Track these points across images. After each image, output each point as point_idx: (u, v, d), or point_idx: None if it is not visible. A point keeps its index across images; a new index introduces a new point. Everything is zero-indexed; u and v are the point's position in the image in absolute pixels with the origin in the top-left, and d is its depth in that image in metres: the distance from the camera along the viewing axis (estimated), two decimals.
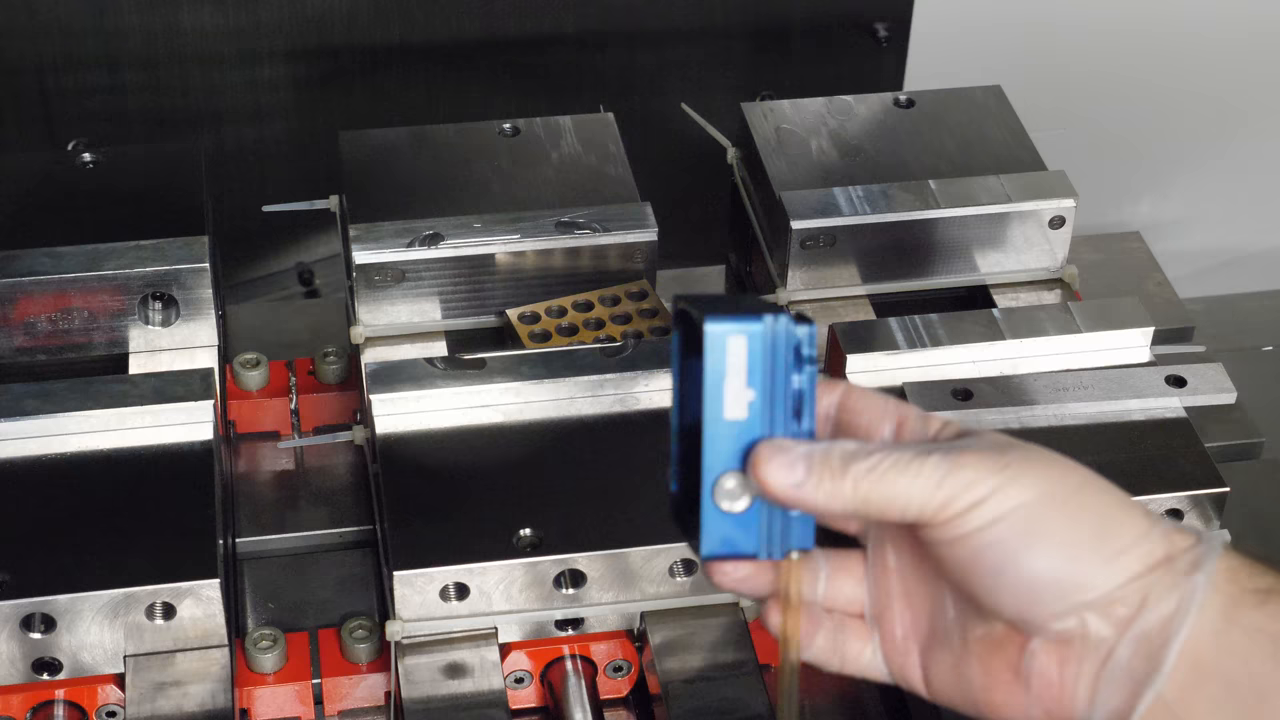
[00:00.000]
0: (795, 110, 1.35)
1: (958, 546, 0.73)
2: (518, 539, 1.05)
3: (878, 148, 1.32)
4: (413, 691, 1.05)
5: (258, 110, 1.76)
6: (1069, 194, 1.26)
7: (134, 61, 1.69)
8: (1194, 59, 2.01)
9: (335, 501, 1.25)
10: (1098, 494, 0.74)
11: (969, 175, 1.28)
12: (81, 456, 1.10)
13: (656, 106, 1.63)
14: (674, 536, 1.05)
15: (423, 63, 1.75)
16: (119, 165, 1.30)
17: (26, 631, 1.02)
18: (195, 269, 1.19)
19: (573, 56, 1.79)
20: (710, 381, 0.71)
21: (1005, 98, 1.38)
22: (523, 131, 1.33)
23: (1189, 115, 2.05)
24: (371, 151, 1.31)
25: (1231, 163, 2.08)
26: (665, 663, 1.06)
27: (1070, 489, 0.73)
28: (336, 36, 1.72)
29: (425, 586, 1.04)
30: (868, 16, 1.81)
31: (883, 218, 1.24)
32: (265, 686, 1.10)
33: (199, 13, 1.67)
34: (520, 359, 1.15)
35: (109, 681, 1.05)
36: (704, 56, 1.80)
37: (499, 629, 1.07)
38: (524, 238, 1.22)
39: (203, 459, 1.10)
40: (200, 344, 1.22)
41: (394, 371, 1.14)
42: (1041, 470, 0.73)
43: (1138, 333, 1.19)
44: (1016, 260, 1.28)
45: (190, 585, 1.03)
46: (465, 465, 1.10)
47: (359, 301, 1.22)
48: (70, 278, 1.19)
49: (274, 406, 1.29)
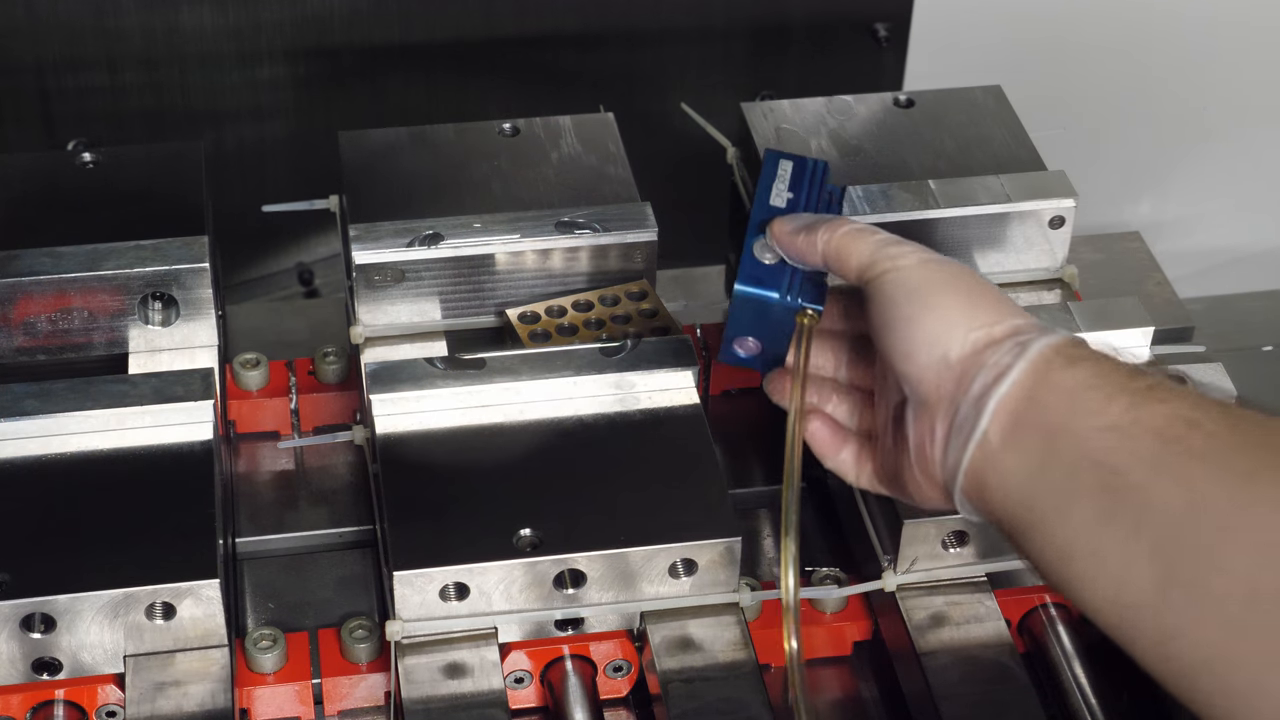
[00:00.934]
0: (795, 110, 1.35)
1: (873, 301, 0.95)
2: (518, 539, 1.05)
3: (878, 148, 1.32)
4: (413, 691, 1.05)
5: (258, 110, 1.76)
6: (1069, 194, 1.26)
7: (134, 61, 1.69)
8: (1194, 59, 2.01)
9: (335, 501, 1.25)
10: (978, 283, 0.94)
11: (969, 175, 1.28)
12: (81, 456, 1.10)
13: (656, 106, 1.63)
14: (674, 536, 1.05)
15: (423, 63, 1.76)
16: (119, 165, 1.30)
17: (26, 631, 1.02)
18: (195, 269, 1.19)
19: (573, 56, 1.79)
20: (764, 183, 1.04)
21: (1005, 98, 1.38)
22: (523, 131, 1.33)
23: (1189, 115, 2.05)
24: (371, 151, 1.31)
25: (1231, 163, 2.08)
26: (665, 663, 1.06)
27: (960, 275, 0.94)
28: (336, 36, 1.72)
29: (425, 586, 1.04)
30: (868, 16, 1.82)
31: (883, 218, 1.24)
32: (265, 686, 1.10)
33: (199, 13, 1.68)
34: (520, 359, 1.15)
35: (109, 681, 1.05)
36: (704, 56, 1.81)
37: (499, 629, 1.07)
38: (524, 238, 1.22)
39: (202, 459, 1.10)
40: (200, 344, 1.22)
41: (394, 371, 1.14)
42: (946, 264, 0.95)
43: (1138, 333, 1.19)
44: (1016, 260, 1.28)
45: (190, 585, 1.03)
46: (465, 465, 1.10)
47: (359, 301, 1.22)
48: (70, 278, 1.18)
49: (274, 406, 1.29)
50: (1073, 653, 1.12)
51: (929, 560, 1.11)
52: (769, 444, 1.29)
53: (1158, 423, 0.81)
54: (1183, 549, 0.78)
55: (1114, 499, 0.81)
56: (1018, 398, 0.87)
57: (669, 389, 1.15)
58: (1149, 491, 0.80)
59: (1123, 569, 0.80)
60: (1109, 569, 0.81)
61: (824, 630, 1.16)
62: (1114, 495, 0.81)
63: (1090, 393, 0.85)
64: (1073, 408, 0.85)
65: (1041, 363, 0.87)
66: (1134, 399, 0.83)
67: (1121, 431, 0.82)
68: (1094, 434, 0.83)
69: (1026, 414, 0.87)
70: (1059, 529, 0.84)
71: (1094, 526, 0.82)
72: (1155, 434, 0.81)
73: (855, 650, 1.17)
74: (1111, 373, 0.85)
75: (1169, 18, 1.97)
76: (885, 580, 1.11)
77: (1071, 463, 0.84)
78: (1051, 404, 0.86)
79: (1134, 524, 0.80)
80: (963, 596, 1.12)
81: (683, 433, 1.13)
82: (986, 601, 1.12)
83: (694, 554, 1.06)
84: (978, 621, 1.11)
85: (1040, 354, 0.88)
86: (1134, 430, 0.82)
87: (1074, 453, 0.84)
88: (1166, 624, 0.79)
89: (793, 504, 0.98)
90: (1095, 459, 0.82)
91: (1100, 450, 0.82)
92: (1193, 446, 0.79)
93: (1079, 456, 0.83)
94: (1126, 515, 0.80)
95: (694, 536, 1.06)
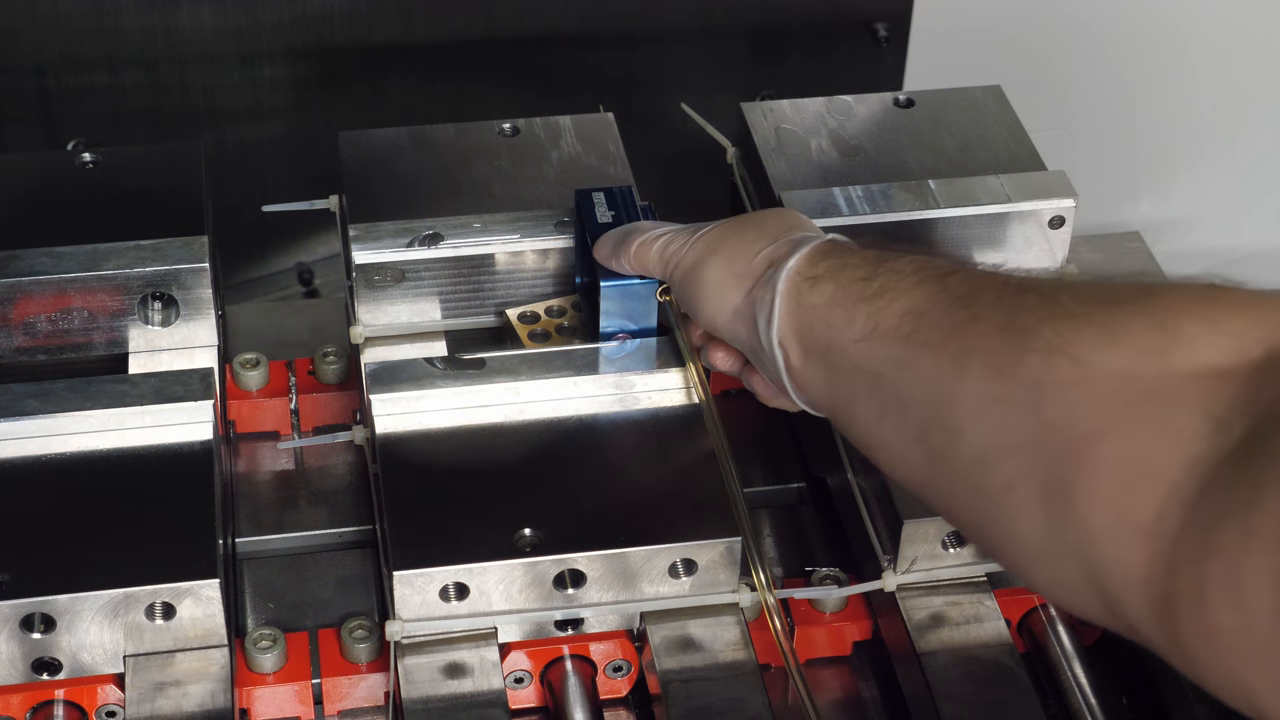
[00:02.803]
0: (795, 110, 1.35)
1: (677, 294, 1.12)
2: (518, 539, 1.05)
3: (877, 148, 1.32)
4: (412, 691, 1.05)
5: (258, 110, 1.75)
6: (1069, 194, 1.26)
7: (134, 61, 1.69)
8: (1194, 59, 2.01)
9: (335, 501, 1.25)
10: (734, 230, 1.07)
11: (969, 175, 1.28)
12: (81, 456, 1.10)
13: (656, 106, 1.63)
14: (674, 536, 1.05)
15: (423, 63, 1.75)
16: (119, 165, 1.30)
17: (26, 631, 1.02)
18: (195, 269, 1.19)
19: (573, 56, 1.79)
20: (588, 212, 1.19)
21: (1005, 98, 1.38)
22: (523, 131, 1.33)
23: (1189, 115, 2.05)
24: (371, 151, 1.31)
25: (1231, 163, 2.08)
26: (665, 663, 1.06)
27: (720, 236, 1.08)
28: (336, 36, 1.72)
29: (425, 586, 1.04)
30: (868, 16, 1.81)
31: (883, 218, 1.24)
32: (265, 686, 1.10)
33: (199, 13, 1.67)
34: (520, 359, 1.15)
35: (109, 681, 1.05)
36: (704, 56, 1.80)
37: (499, 629, 1.07)
38: (524, 238, 1.22)
39: (202, 459, 1.10)
40: (200, 344, 1.22)
41: (394, 371, 1.14)
42: (712, 229, 1.09)
43: None
44: (1016, 260, 1.28)
45: (190, 585, 1.03)
46: (465, 465, 1.11)
47: (359, 301, 1.22)
48: (70, 278, 1.19)
49: (274, 406, 1.29)
50: (1073, 653, 1.13)
51: (929, 560, 1.11)
52: (768, 444, 1.29)
53: (892, 324, 0.92)
54: (932, 429, 0.88)
55: (880, 399, 0.92)
56: (791, 324, 0.99)
57: (669, 389, 1.15)
58: (900, 388, 0.90)
59: (903, 454, 0.91)
60: (895, 454, 0.92)
61: (824, 630, 1.16)
62: (879, 396, 0.92)
63: (837, 310, 0.96)
64: (829, 326, 0.97)
65: (792, 289, 0.99)
66: (870, 307, 0.94)
67: (869, 341, 0.93)
68: (851, 345, 0.94)
69: (804, 336, 0.99)
70: (855, 427, 0.96)
71: (874, 423, 0.93)
72: (892, 335, 0.91)
73: (855, 650, 1.17)
74: (849, 284, 0.96)
75: (1169, 17, 1.97)
76: (885, 580, 1.11)
77: (845, 372, 0.95)
78: (814, 325, 0.98)
79: (898, 417, 0.91)
80: (962, 596, 1.12)
81: (682, 433, 1.13)
82: (986, 601, 1.12)
83: (694, 554, 1.06)
84: (978, 621, 1.11)
85: (788, 281, 1.00)
86: (876, 337, 0.93)
87: (844, 363, 0.95)
88: (943, 493, 0.89)
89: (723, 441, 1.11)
90: (859, 368, 0.94)
91: (860, 359, 0.94)
92: (920, 339, 0.89)
93: (849, 366, 0.95)
94: (892, 411, 0.91)
95: (694, 536, 1.06)
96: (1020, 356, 0.82)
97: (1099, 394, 0.78)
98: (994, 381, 0.83)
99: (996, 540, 0.85)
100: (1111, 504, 0.76)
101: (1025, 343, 0.82)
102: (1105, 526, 0.76)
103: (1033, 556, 0.82)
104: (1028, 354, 0.82)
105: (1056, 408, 0.79)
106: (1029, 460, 0.80)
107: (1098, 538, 0.77)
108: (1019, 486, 0.81)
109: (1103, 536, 0.76)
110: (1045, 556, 0.81)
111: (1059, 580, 0.81)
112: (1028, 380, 0.81)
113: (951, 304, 0.89)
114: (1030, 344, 0.82)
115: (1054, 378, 0.80)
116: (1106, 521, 0.76)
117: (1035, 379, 0.81)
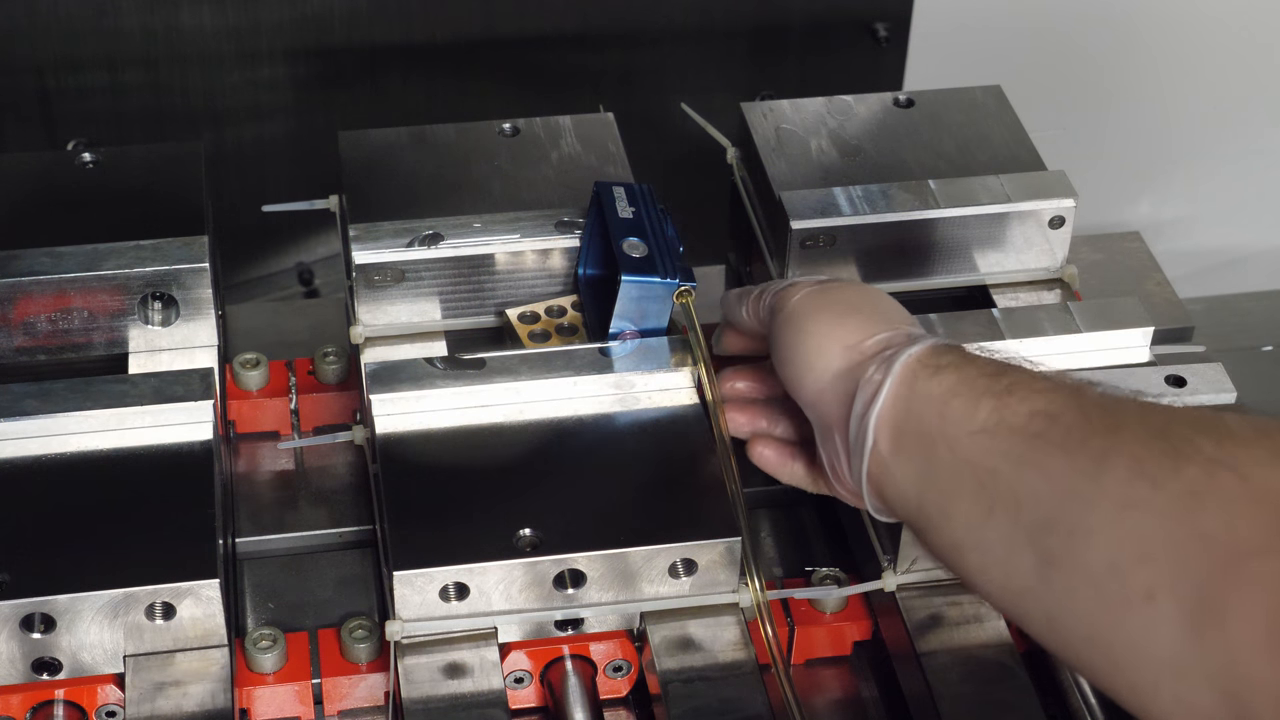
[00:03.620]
0: (795, 110, 1.35)
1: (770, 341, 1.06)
2: (518, 539, 1.05)
3: (878, 148, 1.32)
4: (412, 691, 1.05)
5: (258, 110, 1.76)
6: (1069, 194, 1.26)
7: (134, 61, 1.69)
8: (1194, 59, 2.01)
9: (335, 501, 1.25)
10: (853, 300, 1.03)
11: (969, 175, 1.28)
12: (81, 456, 1.10)
13: (656, 106, 1.63)
14: (674, 536, 1.05)
15: (423, 63, 1.76)
16: (119, 165, 1.30)
17: (26, 631, 1.02)
18: (195, 269, 1.19)
19: (573, 56, 1.79)
20: (609, 205, 1.18)
21: (1005, 98, 1.38)
22: (523, 131, 1.33)
23: (1188, 115, 2.05)
24: (371, 151, 1.31)
25: (1231, 163, 2.09)
26: (665, 663, 1.06)
27: (835, 298, 1.04)
28: (336, 36, 1.72)
29: (425, 586, 1.04)
30: (868, 16, 1.82)
31: (883, 218, 1.24)
32: (265, 686, 1.10)
33: (199, 13, 1.68)
34: (520, 359, 1.15)
35: (109, 681, 1.05)
36: (704, 56, 1.81)
37: (499, 629, 1.07)
38: (524, 238, 1.22)
39: (202, 459, 1.10)
40: (200, 344, 1.22)
41: (394, 371, 1.14)
42: (828, 289, 1.05)
43: (1137, 333, 1.19)
44: (1016, 260, 1.28)
45: (190, 585, 1.03)
46: (465, 465, 1.11)
47: (359, 301, 1.22)
48: (70, 278, 1.18)
49: (274, 406, 1.29)
50: None
51: (929, 560, 1.11)
52: None
53: (1019, 421, 0.88)
54: (1053, 531, 0.83)
55: (990, 496, 0.88)
56: (895, 410, 0.95)
57: (669, 389, 1.15)
58: (1018, 485, 0.86)
59: (1006, 558, 0.87)
60: (995, 559, 0.87)
61: (824, 630, 1.16)
62: (990, 493, 0.88)
63: (956, 400, 0.92)
64: (943, 416, 0.92)
65: (908, 375, 0.95)
66: (997, 402, 0.90)
67: (989, 434, 0.89)
68: (965, 439, 0.90)
69: (906, 425, 0.94)
70: (948, 527, 0.91)
71: (977, 523, 0.89)
72: (1018, 433, 0.88)
73: (855, 650, 1.17)
74: (975, 378, 0.92)
75: (1169, 18, 1.97)
76: (885, 580, 1.11)
77: (950, 467, 0.91)
78: (925, 414, 0.93)
79: (1010, 516, 0.86)
80: (963, 596, 1.12)
81: (682, 432, 1.13)
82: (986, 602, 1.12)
83: (694, 554, 1.06)
84: (977, 621, 1.11)
85: (905, 366, 0.95)
86: (999, 431, 0.89)
87: (951, 458, 0.91)
88: (1050, 604, 0.84)
89: (726, 442, 1.10)
90: (970, 461, 0.89)
91: (973, 453, 0.89)
92: (1052, 439, 0.86)
93: (956, 461, 0.90)
94: (1003, 509, 0.87)
95: (694, 536, 1.06)
96: (1177, 464, 0.79)
97: (1264, 511, 0.76)
98: (1140, 486, 0.80)
99: (1115, 653, 0.81)
100: (1266, 623, 0.74)
101: (1183, 453, 0.79)
102: (1256, 645, 0.74)
103: (1160, 672, 0.78)
104: (1186, 463, 0.79)
105: (1215, 520, 0.77)
106: (1173, 570, 0.78)
107: (1247, 657, 0.74)
108: (1160, 596, 0.78)
109: (1253, 656, 0.74)
110: (1176, 673, 0.78)
111: (1185, 699, 0.77)
112: (1182, 490, 0.78)
113: (1090, 410, 0.86)
114: (1189, 454, 0.79)
115: (1215, 490, 0.77)
116: (1258, 640, 0.74)
117: (1193, 489, 0.78)
